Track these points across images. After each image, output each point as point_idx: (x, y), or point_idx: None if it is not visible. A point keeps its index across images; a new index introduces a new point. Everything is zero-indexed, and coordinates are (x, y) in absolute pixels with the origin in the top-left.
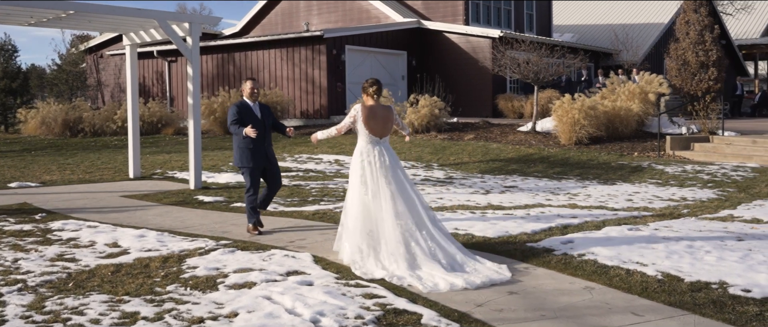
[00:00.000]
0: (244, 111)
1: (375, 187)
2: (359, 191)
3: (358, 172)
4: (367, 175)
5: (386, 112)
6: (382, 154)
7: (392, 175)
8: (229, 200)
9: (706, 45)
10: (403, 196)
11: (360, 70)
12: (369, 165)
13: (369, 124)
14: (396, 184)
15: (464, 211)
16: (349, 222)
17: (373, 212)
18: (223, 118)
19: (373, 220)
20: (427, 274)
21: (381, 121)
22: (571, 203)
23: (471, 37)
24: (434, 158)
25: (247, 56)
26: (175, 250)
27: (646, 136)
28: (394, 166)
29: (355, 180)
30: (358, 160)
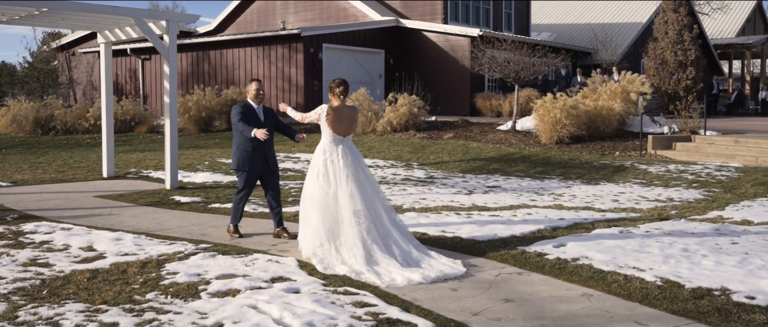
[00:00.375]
0: (247, 112)
1: (336, 185)
2: (321, 188)
3: (321, 169)
4: (329, 173)
5: (352, 112)
6: (345, 152)
7: (353, 173)
8: (207, 201)
9: (684, 44)
10: (363, 194)
11: (337, 69)
12: (331, 164)
13: (334, 124)
14: (356, 182)
15: (449, 212)
16: (310, 218)
17: (333, 209)
18: (197, 117)
19: (333, 217)
20: (384, 270)
21: (346, 121)
22: (557, 204)
23: (450, 35)
24: (414, 157)
25: (223, 54)
26: (153, 255)
27: (627, 136)
28: (355, 165)
29: (315, 177)
30: (321, 157)
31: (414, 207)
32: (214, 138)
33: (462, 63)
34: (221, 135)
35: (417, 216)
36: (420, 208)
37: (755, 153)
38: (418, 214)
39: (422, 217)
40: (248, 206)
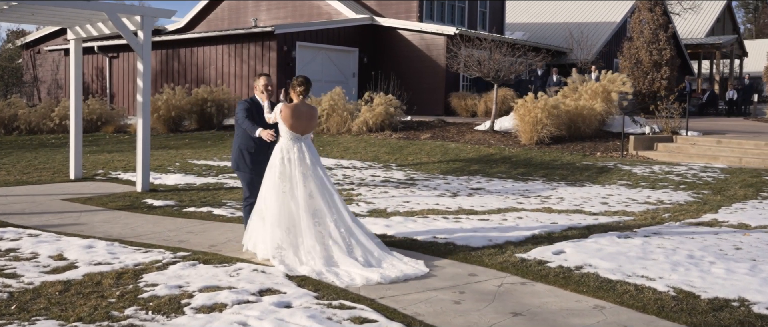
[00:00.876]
0: (254, 109)
1: (294, 183)
2: (279, 187)
3: (278, 168)
4: (287, 171)
5: (310, 110)
6: (302, 151)
7: (312, 172)
8: (181, 204)
9: (660, 44)
10: (322, 193)
11: (311, 67)
12: (289, 162)
13: (291, 122)
14: (315, 181)
15: (436, 216)
16: (268, 217)
17: (292, 209)
18: (167, 116)
19: (292, 217)
20: (343, 271)
21: (304, 119)
22: (545, 207)
23: (425, 34)
24: (392, 158)
25: (193, 52)
26: (129, 264)
27: (607, 136)
28: (314, 164)
29: (274, 176)
30: (279, 156)
31: (398, 210)
32: (184, 138)
33: (437, 62)
34: (191, 135)
35: (404, 220)
36: (405, 212)
37: (738, 153)
38: (404, 219)
39: (409, 222)
40: (224, 210)
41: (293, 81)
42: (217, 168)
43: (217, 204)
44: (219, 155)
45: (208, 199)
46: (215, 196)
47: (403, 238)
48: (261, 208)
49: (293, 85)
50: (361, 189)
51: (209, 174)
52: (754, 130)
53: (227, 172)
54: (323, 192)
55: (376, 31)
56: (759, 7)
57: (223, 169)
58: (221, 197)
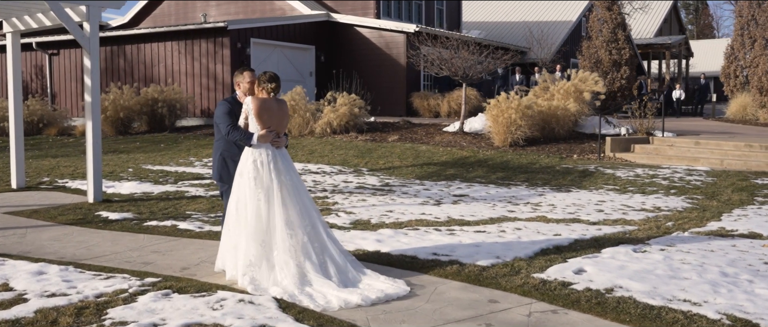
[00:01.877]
0: (238, 111)
1: (268, 190)
2: (253, 194)
3: (251, 172)
4: (261, 177)
5: (281, 105)
6: (275, 154)
7: (287, 178)
8: (140, 217)
9: (619, 43)
10: (295, 202)
11: (266, 66)
12: (262, 165)
13: (262, 118)
14: (290, 188)
15: (427, 227)
16: (243, 230)
17: (265, 219)
18: (115, 118)
19: (265, 229)
20: (318, 291)
21: (276, 114)
22: (540, 216)
23: (384, 31)
24: (362, 162)
25: (140, 49)
26: (88, 295)
27: (581, 137)
28: (288, 169)
29: (249, 182)
30: (250, 159)
31: (384, 222)
32: (134, 141)
33: (398, 61)
34: (142, 138)
35: (394, 234)
36: (392, 223)
37: (718, 155)
38: (394, 232)
39: (401, 236)
40: (190, 223)
41: (260, 76)
42: (174, 174)
43: (181, 216)
44: (175, 160)
45: (170, 211)
46: (178, 207)
47: (401, 256)
48: (230, 221)
49: (260, 80)
50: (335, 196)
51: (167, 181)
52: (724, 131)
53: (186, 178)
54: (297, 201)
55: (333, 28)
56: (699, 9)
57: (182, 175)
58: (185, 208)
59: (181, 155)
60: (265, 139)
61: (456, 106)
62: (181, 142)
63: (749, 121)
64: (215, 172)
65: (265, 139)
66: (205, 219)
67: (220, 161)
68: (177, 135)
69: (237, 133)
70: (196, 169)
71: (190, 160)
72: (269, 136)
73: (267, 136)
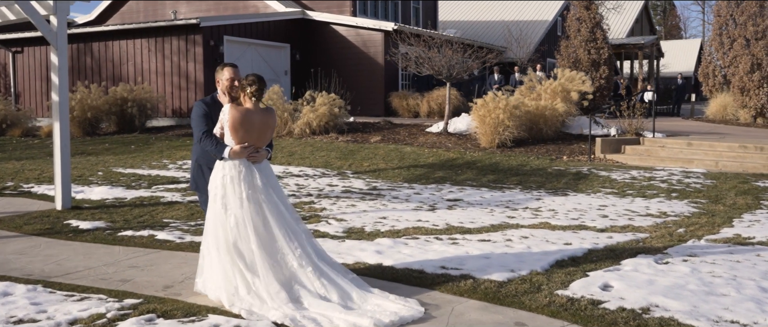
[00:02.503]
0: (216, 114)
1: (240, 211)
2: (221, 217)
3: (219, 191)
4: (230, 195)
5: (266, 117)
6: (249, 169)
7: (265, 197)
8: (114, 226)
9: (597, 43)
10: (280, 223)
11: (240, 64)
12: (233, 182)
13: (238, 132)
14: (270, 205)
15: (427, 236)
16: (215, 254)
17: (244, 242)
18: (82, 118)
19: (246, 257)
20: (320, 314)
21: (257, 128)
22: (542, 222)
23: (362, 29)
24: (345, 164)
25: (108, 47)
26: (61, 321)
27: (569, 138)
28: (266, 186)
29: (214, 200)
30: (219, 174)
31: (379, 230)
32: (103, 142)
33: (375, 59)
34: (111, 139)
35: (393, 244)
36: (388, 231)
37: (712, 157)
38: (393, 242)
39: (401, 246)
40: (169, 233)
41: (242, 80)
42: (148, 178)
43: (158, 225)
44: (147, 163)
45: (146, 219)
46: (154, 215)
47: (406, 269)
48: (208, 241)
49: (242, 85)
50: (322, 201)
51: (140, 185)
52: (710, 131)
53: (161, 182)
54: (281, 222)
55: (309, 26)
56: (667, 9)
57: (156, 178)
58: (161, 215)
59: (154, 157)
60: (239, 155)
61: (436, 106)
62: (153, 144)
63: (730, 121)
64: (192, 180)
65: (240, 156)
66: (184, 228)
67: (196, 168)
68: (148, 136)
69: (209, 142)
70: (170, 172)
71: (163, 163)
72: (244, 153)
73: (241, 153)
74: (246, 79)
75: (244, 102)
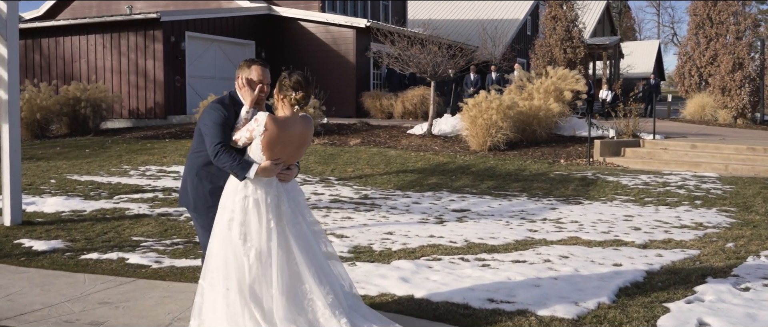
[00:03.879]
0: (234, 119)
1: (265, 245)
2: (239, 250)
3: (238, 216)
4: (252, 223)
5: (305, 129)
6: (279, 192)
7: (292, 227)
8: (74, 247)
9: (573, 42)
10: (310, 261)
11: (202, 62)
12: (257, 207)
13: (274, 147)
14: (298, 237)
15: (451, 257)
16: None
17: (260, 286)
18: (30, 119)
19: (261, 299)
20: None
21: (295, 143)
22: (571, 236)
23: (331, 26)
24: (327, 169)
25: (59, 43)
26: None
27: (562, 140)
28: (296, 212)
29: (229, 228)
30: (239, 194)
31: (390, 248)
32: (54, 146)
33: (346, 58)
34: (63, 142)
35: (416, 267)
36: (400, 250)
37: (720, 160)
38: (414, 265)
39: (426, 270)
40: (142, 255)
41: (283, 80)
42: (108, 186)
43: (127, 244)
44: (105, 168)
45: (111, 237)
46: (120, 231)
47: (445, 303)
48: (214, 279)
49: (283, 85)
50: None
51: (100, 195)
52: (704, 133)
53: (123, 191)
54: (310, 259)
55: (275, 22)
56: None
57: (117, 187)
58: (129, 232)
59: (112, 162)
60: (269, 174)
61: (411, 107)
62: (110, 147)
63: (708, 121)
64: (189, 199)
65: (268, 175)
66: (159, 248)
67: (195, 182)
68: (103, 138)
69: (228, 157)
70: (132, 179)
71: (123, 169)
72: (275, 170)
73: (271, 170)
74: (289, 80)
75: (280, 109)
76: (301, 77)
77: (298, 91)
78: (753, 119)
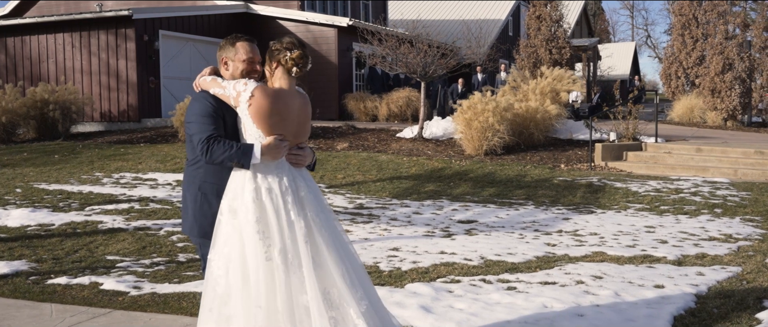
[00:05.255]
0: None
1: (286, 247)
2: (259, 253)
3: (252, 213)
4: (270, 218)
5: (304, 103)
6: (294, 175)
7: (319, 217)
8: (40, 269)
9: (558, 42)
10: (340, 256)
11: (177, 62)
12: (271, 199)
13: (268, 121)
14: (324, 233)
15: (471, 278)
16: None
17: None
18: None
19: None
20: None
21: (295, 118)
22: (596, 252)
23: (312, 25)
24: (316, 176)
25: (25, 43)
26: None
27: (560, 144)
28: (316, 203)
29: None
30: (248, 186)
31: (400, 268)
32: (21, 151)
33: (328, 58)
34: (30, 147)
35: (435, 293)
36: (412, 270)
37: (728, 164)
38: (433, 289)
39: (448, 296)
40: (118, 279)
41: (273, 46)
42: (78, 196)
43: (101, 266)
44: (76, 176)
45: (83, 256)
46: (93, 249)
47: None
48: (218, 293)
49: (275, 51)
50: None
51: (70, 206)
52: (697, 135)
53: (95, 201)
54: (340, 258)
55: (253, 20)
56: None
57: (89, 197)
58: (103, 249)
59: (83, 169)
60: (276, 152)
61: (396, 109)
62: (80, 153)
63: (697, 123)
64: (191, 220)
65: (275, 154)
66: (137, 269)
67: (200, 200)
68: (74, 143)
69: (221, 148)
70: (105, 188)
71: (95, 176)
72: (282, 148)
73: (277, 148)
74: (281, 43)
75: (273, 79)
76: (295, 38)
77: (292, 50)
78: (742, 121)
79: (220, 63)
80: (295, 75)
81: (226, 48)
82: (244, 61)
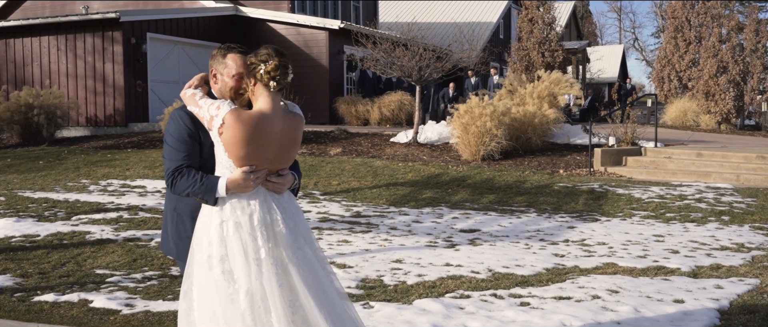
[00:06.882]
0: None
1: (257, 283)
2: (221, 290)
3: (214, 249)
4: (236, 256)
5: (290, 123)
6: (268, 205)
7: (292, 254)
8: (25, 285)
9: (551, 45)
10: (317, 299)
11: (165, 65)
12: (237, 232)
13: (242, 151)
14: (300, 271)
15: (481, 293)
16: None
17: None
18: None
19: None
20: None
21: (276, 142)
22: (607, 263)
23: (303, 28)
24: (310, 183)
25: (9, 45)
26: None
27: (557, 149)
28: (295, 235)
29: (208, 265)
30: (216, 220)
31: (405, 282)
32: (4, 157)
33: (319, 61)
34: (14, 153)
35: (445, 310)
36: (418, 284)
37: (730, 169)
38: (443, 306)
39: (460, 314)
40: (111, 298)
41: (249, 60)
42: (65, 204)
43: (90, 280)
44: (61, 183)
45: (71, 270)
46: (81, 262)
47: None
48: None
49: (251, 68)
50: None
51: (56, 216)
52: (694, 139)
53: (83, 210)
54: (319, 298)
55: (243, 23)
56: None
57: (76, 205)
58: (92, 263)
59: (69, 176)
60: (242, 187)
61: (388, 113)
62: (66, 159)
63: (690, 126)
64: (167, 242)
65: (244, 189)
66: (129, 284)
67: (176, 221)
68: (59, 149)
69: (185, 182)
70: (93, 195)
71: (82, 183)
72: (250, 182)
73: (244, 182)
74: (256, 56)
75: (254, 97)
76: (272, 49)
77: (268, 62)
78: (735, 125)
79: (210, 74)
80: (274, 89)
81: (217, 59)
82: (233, 77)
